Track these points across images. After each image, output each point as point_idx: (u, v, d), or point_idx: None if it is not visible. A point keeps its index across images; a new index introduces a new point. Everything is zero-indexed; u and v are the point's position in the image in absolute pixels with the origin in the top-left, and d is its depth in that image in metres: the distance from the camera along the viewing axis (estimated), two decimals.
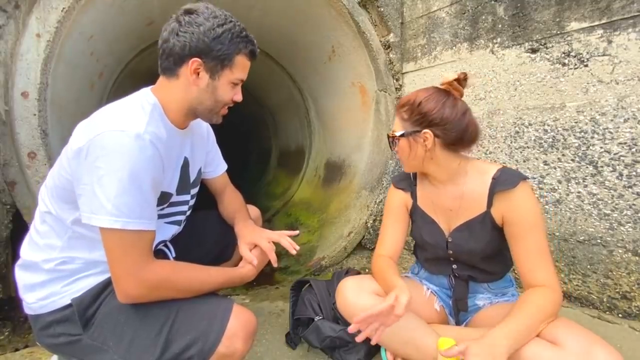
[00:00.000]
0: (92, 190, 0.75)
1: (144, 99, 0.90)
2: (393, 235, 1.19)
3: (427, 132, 1.02)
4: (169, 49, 0.88)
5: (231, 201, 1.27)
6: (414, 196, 1.19)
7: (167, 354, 0.81)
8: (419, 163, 1.08)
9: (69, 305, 0.85)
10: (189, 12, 0.88)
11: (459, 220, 1.07)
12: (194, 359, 0.81)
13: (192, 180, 1.08)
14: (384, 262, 1.12)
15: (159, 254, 1.06)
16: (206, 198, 1.30)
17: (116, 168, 0.75)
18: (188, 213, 1.12)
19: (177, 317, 0.83)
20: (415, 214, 1.19)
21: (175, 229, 1.08)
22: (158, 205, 0.95)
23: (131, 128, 0.78)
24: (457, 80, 1.04)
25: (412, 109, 1.04)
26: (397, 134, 1.07)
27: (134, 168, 0.76)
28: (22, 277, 0.90)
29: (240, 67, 0.93)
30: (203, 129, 1.17)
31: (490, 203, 1.02)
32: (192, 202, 1.12)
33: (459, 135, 1.04)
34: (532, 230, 0.97)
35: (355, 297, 1.07)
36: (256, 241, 1.08)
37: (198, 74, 0.89)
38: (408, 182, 1.22)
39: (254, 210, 1.34)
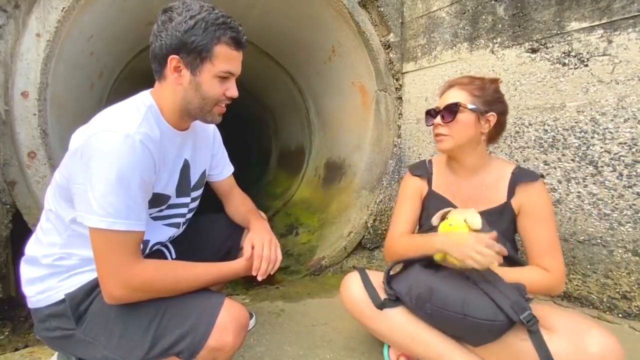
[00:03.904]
0: (84, 189, 0.76)
1: (140, 100, 0.90)
2: (408, 216, 1.24)
3: (493, 115, 1.08)
4: (153, 52, 0.88)
5: (241, 203, 1.26)
6: (429, 183, 1.23)
7: (156, 349, 0.81)
8: (465, 142, 1.09)
9: (63, 300, 0.86)
10: (165, 11, 0.86)
11: (477, 207, 1.10)
12: (184, 353, 0.80)
13: (193, 183, 1.07)
14: (405, 236, 1.18)
15: (157, 254, 1.06)
16: (211, 200, 1.29)
17: (105, 168, 0.75)
18: (188, 216, 1.12)
19: (165, 312, 0.83)
20: (431, 199, 1.22)
21: (173, 232, 1.07)
22: (155, 206, 0.95)
23: (122, 128, 0.79)
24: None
25: (485, 89, 1.09)
26: (469, 106, 1.06)
27: (121, 168, 0.76)
28: (24, 271, 0.91)
29: (223, 58, 0.86)
30: (209, 131, 1.16)
31: (511, 194, 1.08)
32: (193, 205, 1.11)
33: (502, 130, 1.14)
34: (544, 222, 1.03)
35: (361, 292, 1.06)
36: (255, 242, 1.03)
37: (180, 71, 0.87)
38: (424, 169, 1.27)
39: (263, 216, 1.33)
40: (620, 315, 1.42)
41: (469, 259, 0.89)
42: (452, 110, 1.07)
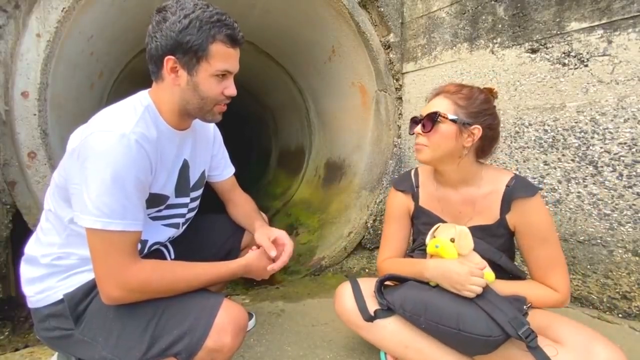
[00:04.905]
0: (80, 190, 0.76)
1: (138, 100, 0.90)
2: (397, 240, 1.19)
3: (478, 128, 0.99)
4: (149, 53, 0.88)
5: (243, 204, 1.26)
6: (415, 198, 1.16)
7: (153, 350, 0.81)
8: (445, 155, 1.01)
9: (62, 300, 0.86)
10: (159, 10, 0.85)
11: (469, 223, 1.05)
12: (181, 354, 0.80)
13: (192, 183, 1.06)
14: (396, 259, 1.15)
15: (156, 253, 1.05)
16: (211, 200, 1.29)
17: (100, 168, 0.75)
18: (188, 216, 1.11)
19: (164, 312, 0.83)
20: (419, 216, 1.15)
21: (172, 232, 1.06)
22: (154, 207, 0.95)
23: (117, 128, 0.78)
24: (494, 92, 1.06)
25: (472, 99, 1.00)
26: (450, 116, 0.98)
27: (116, 168, 0.76)
28: (24, 271, 0.91)
29: (220, 56, 0.85)
30: (209, 132, 1.15)
31: (506, 209, 1.01)
32: (192, 205, 1.10)
33: (493, 144, 1.05)
34: (545, 241, 0.97)
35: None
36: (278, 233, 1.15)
37: (177, 72, 0.86)
38: (409, 183, 1.18)
39: (264, 218, 1.32)
40: (620, 315, 1.42)
41: (461, 292, 0.89)
42: (431, 120, 0.99)
